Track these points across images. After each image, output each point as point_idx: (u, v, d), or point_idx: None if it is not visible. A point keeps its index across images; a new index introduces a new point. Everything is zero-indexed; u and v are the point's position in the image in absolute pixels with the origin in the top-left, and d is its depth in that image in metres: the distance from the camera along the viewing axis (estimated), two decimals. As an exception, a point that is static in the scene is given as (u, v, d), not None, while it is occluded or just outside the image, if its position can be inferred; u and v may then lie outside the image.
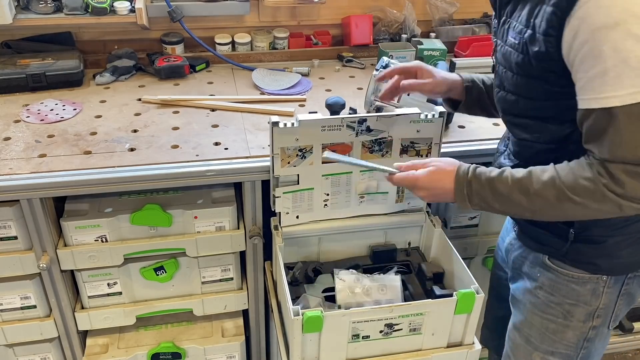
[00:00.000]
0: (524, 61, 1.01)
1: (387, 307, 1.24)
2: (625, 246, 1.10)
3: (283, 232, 1.37)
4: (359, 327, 1.26)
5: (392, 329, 1.28)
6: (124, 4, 1.74)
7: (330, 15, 1.99)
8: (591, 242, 1.10)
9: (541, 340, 1.23)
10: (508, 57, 1.06)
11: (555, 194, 0.97)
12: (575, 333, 1.19)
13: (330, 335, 1.24)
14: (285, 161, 1.27)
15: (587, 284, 1.14)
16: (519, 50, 1.02)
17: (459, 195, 1.07)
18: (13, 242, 1.38)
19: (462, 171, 1.07)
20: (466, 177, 1.05)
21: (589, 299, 1.15)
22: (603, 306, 1.16)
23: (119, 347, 1.60)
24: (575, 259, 1.13)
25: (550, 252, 1.16)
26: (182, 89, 1.74)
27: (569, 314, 1.17)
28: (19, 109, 1.58)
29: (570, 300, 1.16)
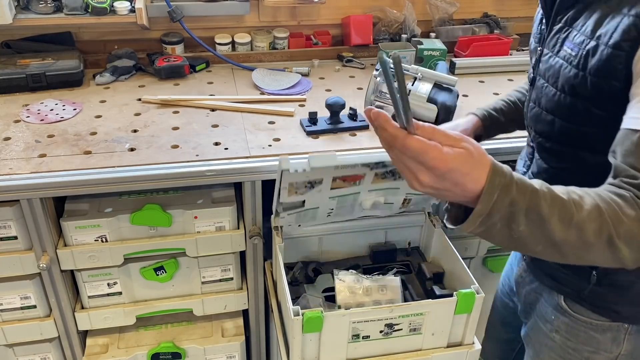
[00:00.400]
0: (576, 77, 0.89)
1: (387, 307, 1.24)
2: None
3: (283, 232, 1.37)
4: (359, 327, 1.26)
5: (392, 329, 1.28)
6: (124, 4, 1.74)
7: (330, 15, 1.99)
8: (615, 286, 0.99)
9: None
10: (557, 70, 0.94)
11: (596, 229, 0.73)
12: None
13: (331, 335, 1.24)
14: (292, 191, 1.25)
15: (607, 332, 1.04)
16: (573, 64, 0.90)
17: (485, 199, 0.72)
18: (13, 242, 1.38)
19: (499, 168, 0.73)
20: (504, 177, 0.73)
21: (610, 347, 1.06)
22: (625, 352, 1.06)
23: (119, 347, 1.60)
24: (595, 303, 1.03)
25: (567, 293, 1.07)
26: (182, 89, 1.74)
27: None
28: (18, 109, 1.58)
29: (589, 347, 1.07)
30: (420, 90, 1.53)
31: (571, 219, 0.73)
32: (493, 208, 0.72)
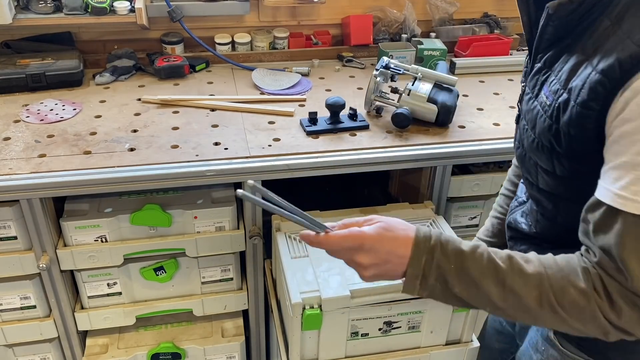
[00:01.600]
0: (550, 130, 0.82)
1: (386, 305, 1.24)
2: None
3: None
4: (358, 325, 1.26)
5: (391, 327, 1.29)
6: (123, 4, 1.74)
7: (330, 15, 1.99)
8: None
9: None
10: (534, 116, 0.87)
11: (536, 297, 0.75)
12: None
13: (330, 333, 1.25)
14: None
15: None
16: (548, 114, 0.82)
17: (413, 265, 0.78)
18: (13, 242, 1.38)
19: (423, 234, 0.80)
20: (429, 242, 0.78)
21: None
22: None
23: (119, 347, 1.60)
24: (583, 345, 0.96)
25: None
26: (182, 89, 1.74)
27: None
28: (18, 109, 1.58)
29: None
30: (420, 90, 1.53)
31: (504, 283, 0.75)
32: (425, 270, 0.78)
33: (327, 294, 1.20)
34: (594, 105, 0.74)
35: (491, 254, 0.78)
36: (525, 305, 0.76)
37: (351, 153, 1.42)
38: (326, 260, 1.29)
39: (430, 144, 1.47)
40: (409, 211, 1.49)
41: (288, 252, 1.32)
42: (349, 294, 1.20)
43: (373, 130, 1.53)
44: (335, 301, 1.20)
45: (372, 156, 1.41)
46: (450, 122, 1.55)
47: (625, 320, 0.73)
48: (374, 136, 1.50)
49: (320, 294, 1.20)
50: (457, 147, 1.47)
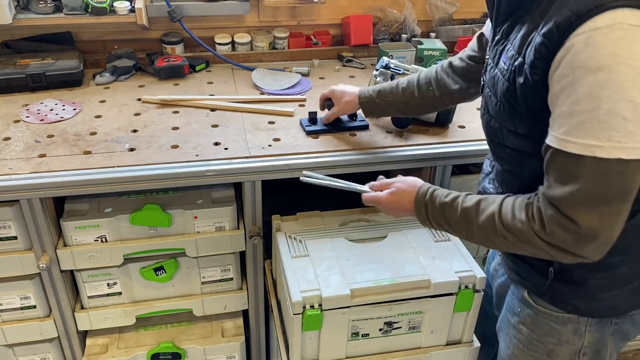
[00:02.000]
0: (509, 91, 0.94)
1: (386, 305, 1.24)
2: (607, 290, 1.03)
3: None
4: (358, 326, 1.26)
5: (391, 327, 1.29)
6: (123, 4, 1.74)
7: (330, 15, 1.99)
8: (571, 282, 1.04)
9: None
10: (496, 82, 0.98)
11: (493, 229, 0.96)
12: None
13: (330, 334, 1.25)
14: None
15: (568, 324, 1.08)
16: (506, 77, 0.94)
17: (419, 215, 1.08)
18: (13, 242, 1.38)
19: (420, 193, 1.08)
20: (424, 199, 1.07)
21: (572, 339, 1.09)
22: (588, 344, 1.10)
23: (119, 347, 1.60)
24: (554, 297, 1.08)
25: (530, 287, 1.11)
26: (182, 89, 1.74)
27: (552, 352, 1.12)
28: (18, 109, 1.58)
29: (552, 339, 1.11)
30: (420, 90, 1.53)
31: (471, 222, 0.99)
32: (427, 217, 1.07)
33: (327, 293, 1.20)
34: (540, 64, 0.85)
35: (465, 201, 1.01)
36: (488, 238, 0.98)
37: (351, 153, 1.42)
38: (326, 260, 1.29)
39: (430, 144, 1.47)
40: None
41: (288, 252, 1.32)
42: (349, 293, 1.21)
43: (373, 130, 1.53)
44: (335, 300, 1.20)
45: (372, 156, 1.41)
46: (450, 122, 1.56)
47: (558, 240, 0.88)
48: (374, 136, 1.50)
49: (321, 293, 1.20)
50: (457, 147, 1.47)
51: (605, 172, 0.81)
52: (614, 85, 0.78)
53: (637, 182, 0.83)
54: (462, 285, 1.27)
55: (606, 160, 0.80)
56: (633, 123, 0.78)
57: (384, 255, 1.32)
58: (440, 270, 1.28)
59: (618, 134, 0.79)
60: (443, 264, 1.30)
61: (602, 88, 0.78)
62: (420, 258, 1.31)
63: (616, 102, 0.78)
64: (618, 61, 0.77)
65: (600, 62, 0.78)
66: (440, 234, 1.40)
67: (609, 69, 0.77)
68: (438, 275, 1.26)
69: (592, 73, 0.78)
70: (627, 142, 0.79)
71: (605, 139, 0.80)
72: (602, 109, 0.79)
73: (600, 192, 0.83)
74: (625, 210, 0.85)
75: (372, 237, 1.39)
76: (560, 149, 0.84)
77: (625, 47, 0.77)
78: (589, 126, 0.80)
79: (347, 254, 1.32)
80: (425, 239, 1.38)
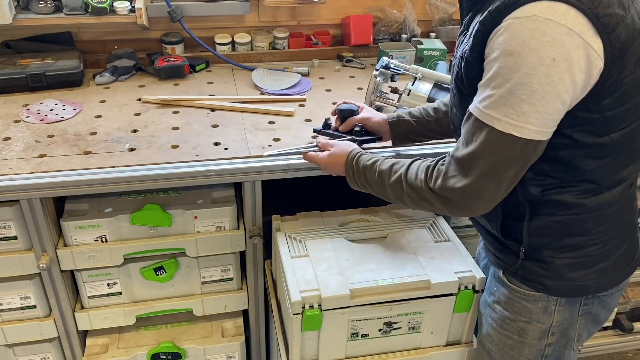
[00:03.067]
0: (458, 76, 1.03)
1: (386, 305, 1.24)
2: (574, 269, 1.08)
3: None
4: (358, 326, 1.26)
5: (391, 328, 1.29)
6: (124, 4, 1.74)
7: (330, 15, 1.99)
8: (540, 261, 1.09)
9: (501, 355, 1.23)
10: (452, 71, 1.08)
11: (400, 188, 1.09)
12: (532, 350, 1.18)
13: (330, 334, 1.25)
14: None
15: (539, 302, 1.13)
16: (456, 64, 1.04)
17: (348, 177, 1.21)
18: (13, 242, 1.38)
19: (350, 157, 1.21)
20: (351, 162, 1.20)
21: (541, 317, 1.14)
22: (557, 324, 1.14)
23: (119, 347, 1.60)
24: (525, 276, 1.13)
25: (504, 267, 1.17)
26: (182, 89, 1.74)
27: (523, 331, 1.17)
28: (18, 109, 1.58)
29: (523, 317, 1.16)
30: (420, 90, 1.53)
31: (385, 183, 1.12)
32: (353, 179, 1.20)
33: (326, 293, 1.20)
34: (477, 49, 0.95)
35: (381, 165, 1.14)
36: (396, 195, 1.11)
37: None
38: (326, 260, 1.29)
39: (430, 144, 1.47)
40: (408, 210, 1.49)
41: (288, 252, 1.32)
42: (348, 293, 1.21)
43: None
44: (334, 300, 1.20)
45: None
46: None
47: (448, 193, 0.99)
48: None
49: (320, 293, 1.20)
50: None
51: (498, 143, 0.92)
52: (519, 70, 0.87)
53: (526, 157, 0.93)
54: (461, 286, 1.27)
55: (500, 132, 0.91)
56: (528, 106, 0.88)
57: (383, 256, 1.32)
58: (440, 271, 1.28)
59: (514, 112, 0.89)
60: (443, 264, 1.30)
61: (510, 70, 0.88)
62: (420, 258, 1.31)
63: (518, 85, 0.88)
64: (527, 49, 0.86)
65: (513, 48, 0.87)
66: (439, 234, 1.40)
67: (518, 55, 0.86)
68: (438, 275, 1.26)
69: (505, 56, 0.88)
70: (520, 122, 0.89)
71: (503, 115, 0.90)
72: (506, 88, 0.89)
73: (491, 159, 0.93)
74: (510, 178, 0.95)
75: (372, 238, 1.39)
76: (472, 112, 0.95)
77: (535, 38, 0.85)
78: (494, 100, 0.90)
79: (347, 254, 1.32)
80: (425, 240, 1.38)
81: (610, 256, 1.09)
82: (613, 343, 2.06)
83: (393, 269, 1.27)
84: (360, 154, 1.20)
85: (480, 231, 1.23)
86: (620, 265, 1.12)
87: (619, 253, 1.10)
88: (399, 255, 1.32)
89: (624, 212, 1.08)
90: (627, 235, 1.11)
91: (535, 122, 0.89)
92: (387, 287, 1.23)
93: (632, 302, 2.03)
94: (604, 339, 2.05)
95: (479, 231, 1.24)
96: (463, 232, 1.66)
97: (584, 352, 2.04)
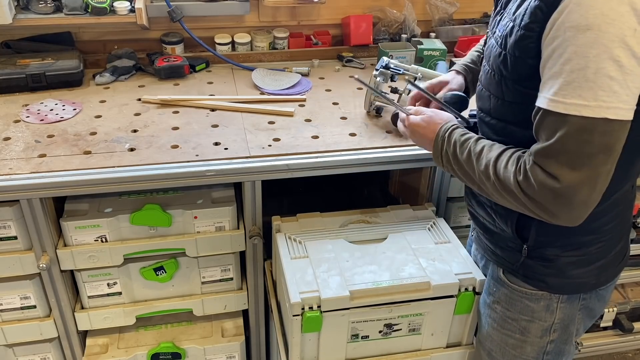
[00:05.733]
0: (499, 56, 0.98)
1: (386, 307, 1.24)
2: (576, 267, 1.09)
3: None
4: (358, 327, 1.26)
5: (391, 329, 1.29)
6: (123, 4, 1.74)
7: (330, 15, 1.99)
8: (543, 259, 1.09)
9: (502, 355, 1.23)
10: (490, 51, 1.02)
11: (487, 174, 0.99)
12: (533, 348, 1.19)
13: (330, 335, 1.25)
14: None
15: (541, 301, 1.13)
16: (499, 43, 0.98)
17: (435, 149, 1.11)
18: (13, 242, 1.38)
19: (444, 128, 1.11)
20: (444, 134, 1.09)
21: (544, 315, 1.15)
22: (559, 321, 1.15)
23: (119, 347, 1.60)
24: (526, 274, 1.13)
25: (505, 265, 1.17)
26: (182, 89, 1.74)
27: (525, 330, 1.17)
28: (18, 109, 1.58)
29: (525, 316, 1.16)
30: (420, 91, 1.53)
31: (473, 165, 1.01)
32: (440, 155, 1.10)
33: (326, 294, 1.20)
34: (535, 27, 0.88)
35: (477, 144, 1.02)
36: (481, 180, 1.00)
37: (351, 153, 1.42)
38: (325, 262, 1.29)
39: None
40: (409, 212, 1.49)
41: (288, 253, 1.32)
42: (348, 295, 1.20)
43: (373, 130, 1.53)
44: (334, 301, 1.20)
45: (372, 156, 1.41)
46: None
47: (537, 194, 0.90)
48: (373, 136, 1.50)
49: (320, 294, 1.20)
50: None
51: (590, 131, 0.83)
52: (602, 44, 0.80)
53: (620, 142, 0.85)
54: (462, 288, 1.27)
55: (592, 119, 0.83)
56: (618, 83, 0.81)
57: (383, 257, 1.32)
58: (440, 273, 1.28)
59: (604, 93, 0.81)
60: (443, 266, 1.30)
61: (590, 47, 0.81)
62: (420, 260, 1.31)
63: (603, 62, 0.81)
64: (607, 21, 0.80)
65: (590, 22, 0.80)
66: (439, 235, 1.40)
67: (598, 28, 0.80)
68: (438, 277, 1.26)
69: (582, 32, 0.81)
70: (612, 102, 0.82)
71: (592, 99, 0.82)
72: (591, 68, 0.81)
73: (583, 151, 0.85)
74: (606, 174, 0.87)
75: (372, 239, 1.39)
76: (549, 109, 0.86)
77: (613, 8, 0.79)
78: (577, 85, 0.83)
79: (347, 256, 1.32)
80: (425, 241, 1.38)
81: (609, 253, 1.10)
82: (613, 343, 2.06)
83: (393, 270, 1.27)
84: (456, 126, 1.10)
85: (481, 228, 1.22)
86: (617, 261, 1.13)
87: (616, 250, 1.11)
88: (399, 257, 1.32)
89: (626, 211, 1.09)
90: (624, 233, 1.12)
91: (627, 99, 0.82)
92: (387, 288, 1.23)
93: (632, 302, 2.03)
94: (604, 339, 2.05)
95: (478, 228, 1.23)
96: (464, 232, 1.66)
97: (584, 351, 2.04)
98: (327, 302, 1.20)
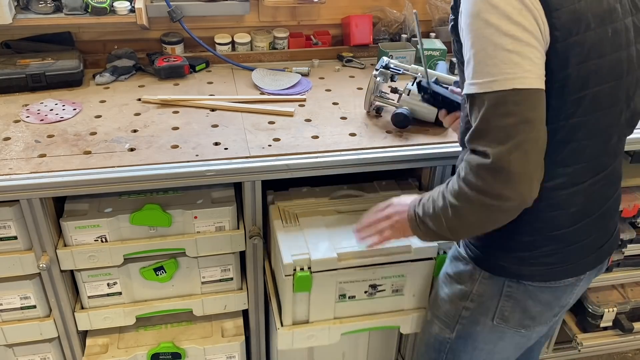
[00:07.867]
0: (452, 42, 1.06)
1: (370, 268, 1.34)
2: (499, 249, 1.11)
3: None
4: (345, 288, 1.36)
5: (376, 290, 1.39)
6: (123, 4, 1.74)
7: (330, 15, 1.99)
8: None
9: (435, 307, 1.29)
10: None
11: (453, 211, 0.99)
12: (452, 307, 1.23)
13: (319, 295, 1.35)
14: None
15: (468, 265, 1.18)
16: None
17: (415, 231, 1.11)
18: (13, 242, 1.38)
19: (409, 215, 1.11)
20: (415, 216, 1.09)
21: (467, 281, 1.19)
22: (477, 293, 1.18)
23: (119, 347, 1.60)
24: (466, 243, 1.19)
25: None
26: (182, 89, 1.74)
27: (452, 287, 1.23)
28: (18, 109, 1.58)
29: (455, 276, 1.22)
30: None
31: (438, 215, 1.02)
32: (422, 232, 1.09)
33: (316, 256, 1.31)
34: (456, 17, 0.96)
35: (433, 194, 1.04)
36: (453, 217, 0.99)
37: (351, 153, 1.42)
38: (316, 228, 1.39)
39: (430, 144, 1.47)
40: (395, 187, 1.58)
41: (281, 223, 1.42)
42: (336, 257, 1.31)
43: (373, 130, 1.53)
44: (323, 262, 1.31)
45: (372, 156, 1.41)
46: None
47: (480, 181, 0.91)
48: (373, 136, 1.50)
49: (310, 256, 1.30)
50: (457, 147, 1.47)
51: (504, 103, 0.87)
52: (493, 24, 0.87)
53: (537, 110, 0.89)
54: (440, 251, 1.38)
55: (502, 92, 0.87)
56: (518, 54, 0.87)
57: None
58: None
59: (506, 66, 0.87)
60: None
61: (484, 28, 0.88)
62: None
63: (499, 37, 0.87)
64: (492, 4, 0.87)
65: (478, 7, 0.88)
66: None
67: (486, 11, 0.87)
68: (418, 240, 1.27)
69: (474, 17, 0.89)
70: (517, 73, 0.87)
71: (498, 73, 0.87)
72: (489, 47, 0.88)
73: (504, 124, 0.88)
74: (534, 141, 0.89)
75: (360, 209, 1.43)
76: (469, 92, 0.92)
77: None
78: (484, 64, 0.89)
79: (336, 223, 1.42)
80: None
81: (533, 250, 1.08)
82: (613, 343, 2.06)
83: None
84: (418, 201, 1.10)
85: None
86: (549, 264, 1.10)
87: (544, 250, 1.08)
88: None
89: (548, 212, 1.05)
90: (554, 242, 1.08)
91: (531, 69, 0.88)
92: (371, 251, 1.30)
93: (632, 302, 2.03)
94: (604, 339, 2.05)
95: None
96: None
97: (584, 351, 2.04)
98: (316, 263, 1.30)
